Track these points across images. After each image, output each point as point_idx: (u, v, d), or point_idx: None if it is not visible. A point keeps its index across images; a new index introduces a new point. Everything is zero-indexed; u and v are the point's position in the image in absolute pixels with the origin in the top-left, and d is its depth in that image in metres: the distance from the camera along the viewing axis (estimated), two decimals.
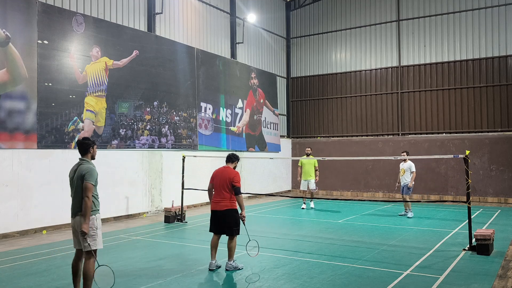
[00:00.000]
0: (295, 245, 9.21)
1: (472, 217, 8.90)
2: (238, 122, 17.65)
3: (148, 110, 13.29)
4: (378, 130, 19.86)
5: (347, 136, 20.63)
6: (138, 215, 13.33)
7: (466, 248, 8.47)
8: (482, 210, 14.71)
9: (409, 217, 12.82)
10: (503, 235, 9.92)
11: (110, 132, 12.08)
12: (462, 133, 17.99)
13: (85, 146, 5.59)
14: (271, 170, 20.24)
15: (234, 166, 7.41)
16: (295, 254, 8.31)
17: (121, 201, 12.81)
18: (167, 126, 13.99)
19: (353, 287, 6.24)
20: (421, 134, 18.87)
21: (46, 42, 10.62)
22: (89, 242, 5.34)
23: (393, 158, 12.21)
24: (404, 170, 13.00)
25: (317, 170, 15.21)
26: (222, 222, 7.08)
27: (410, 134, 19.13)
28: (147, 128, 13.22)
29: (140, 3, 13.99)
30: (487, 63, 17.68)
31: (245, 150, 17.91)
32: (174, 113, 14.29)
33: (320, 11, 21.63)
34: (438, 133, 18.51)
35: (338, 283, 6.39)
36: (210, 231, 7.27)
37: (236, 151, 16.45)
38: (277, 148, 20.13)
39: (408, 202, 13.06)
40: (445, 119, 18.39)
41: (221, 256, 7.49)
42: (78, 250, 5.59)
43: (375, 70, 20.03)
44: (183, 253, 8.45)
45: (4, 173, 9.96)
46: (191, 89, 15.17)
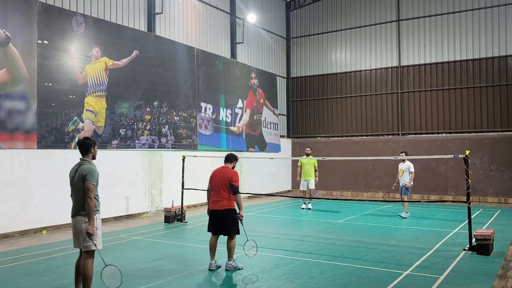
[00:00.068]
0: (295, 245, 9.21)
1: (472, 217, 8.90)
2: (238, 122, 17.64)
3: (148, 110, 13.29)
4: (378, 130, 19.86)
5: (347, 136, 20.63)
6: (138, 215, 13.33)
7: (466, 248, 8.48)
8: (482, 210, 14.71)
9: (403, 217, 12.78)
10: (503, 235, 9.93)
11: (110, 132, 12.08)
12: (462, 133, 17.99)
13: (86, 146, 5.59)
14: (271, 170, 20.24)
15: (233, 166, 7.42)
16: (295, 254, 8.31)
17: (121, 201, 12.81)
18: (167, 126, 13.98)
19: (353, 287, 6.24)
20: (421, 134, 18.88)
21: (46, 42, 10.62)
22: (89, 242, 5.35)
23: (393, 158, 12.22)
24: (402, 171, 12.98)
25: (316, 171, 15.19)
26: (221, 222, 7.09)
27: (410, 134, 19.13)
28: (147, 128, 13.22)
29: (140, 3, 13.99)
30: (487, 63, 17.68)
31: (245, 150, 17.91)
32: (174, 113, 14.29)
33: (320, 11, 21.63)
34: (438, 133, 18.51)
35: (338, 283, 6.39)
36: (209, 231, 7.28)
37: (236, 151, 16.45)
38: (277, 148, 20.13)
39: (405, 203, 13.04)
40: (445, 119, 18.39)
41: (221, 256, 7.49)
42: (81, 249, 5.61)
43: (375, 70, 20.03)
44: (183, 253, 8.45)
45: (4, 173, 9.96)
46: (191, 89, 15.17)
